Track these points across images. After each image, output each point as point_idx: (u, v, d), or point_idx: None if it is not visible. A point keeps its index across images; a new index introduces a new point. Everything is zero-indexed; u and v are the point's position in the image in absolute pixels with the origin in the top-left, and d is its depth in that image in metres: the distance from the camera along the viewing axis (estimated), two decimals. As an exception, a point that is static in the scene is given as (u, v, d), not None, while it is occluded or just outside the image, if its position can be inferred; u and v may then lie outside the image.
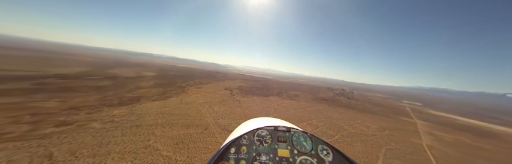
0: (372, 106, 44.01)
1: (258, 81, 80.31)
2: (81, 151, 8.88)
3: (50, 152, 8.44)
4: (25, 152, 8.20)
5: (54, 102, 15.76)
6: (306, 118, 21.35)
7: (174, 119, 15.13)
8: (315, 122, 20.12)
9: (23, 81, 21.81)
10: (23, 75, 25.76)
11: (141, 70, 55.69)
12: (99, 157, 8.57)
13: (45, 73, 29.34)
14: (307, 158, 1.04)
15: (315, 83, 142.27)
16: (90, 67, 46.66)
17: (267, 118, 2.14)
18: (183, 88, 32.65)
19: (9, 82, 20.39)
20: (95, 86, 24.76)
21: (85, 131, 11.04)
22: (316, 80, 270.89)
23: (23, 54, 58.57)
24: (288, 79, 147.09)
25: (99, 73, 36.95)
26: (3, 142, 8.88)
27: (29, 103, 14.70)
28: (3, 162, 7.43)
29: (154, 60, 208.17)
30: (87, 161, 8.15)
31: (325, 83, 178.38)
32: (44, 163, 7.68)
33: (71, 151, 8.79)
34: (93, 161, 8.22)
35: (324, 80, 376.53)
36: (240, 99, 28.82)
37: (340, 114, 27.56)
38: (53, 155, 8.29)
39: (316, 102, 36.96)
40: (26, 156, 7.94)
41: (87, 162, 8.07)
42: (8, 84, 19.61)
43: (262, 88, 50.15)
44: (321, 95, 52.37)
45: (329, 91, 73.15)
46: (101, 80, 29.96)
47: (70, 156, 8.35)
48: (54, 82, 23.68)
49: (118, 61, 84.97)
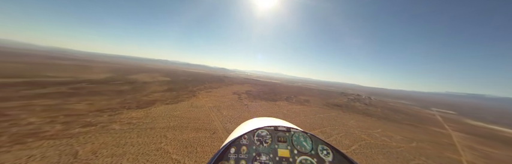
0: (393, 113, 39.62)
1: (266, 85, 79.65)
2: (101, 151, 9.57)
3: (75, 151, 9.25)
4: (56, 150, 9.11)
5: (83, 105, 17.59)
6: (318, 125, 20.04)
7: (185, 122, 15.63)
8: (329, 130, 18.70)
9: (61, 86, 24.98)
10: (61, 80, 29.58)
11: (157, 76, 59.81)
12: (116, 157, 9.12)
13: (78, 79, 33.30)
14: (307, 158, 1.03)
15: (326, 88, 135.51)
16: (114, 73, 51.73)
17: (267, 118, 2.09)
18: (193, 92, 33.97)
19: (50, 87, 23.53)
20: (117, 90, 27.15)
21: (106, 132, 11.96)
22: (327, 84, 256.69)
23: (62, 63, 67.60)
24: (296, 84, 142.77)
25: (121, 79, 40.64)
26: (41, 139, 10.01)
27: (64, 105, 16.62)
28: (38, 158, 8.31)
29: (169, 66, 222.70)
30: (105, 160, 8.71)
31: (337, 88, 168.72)
32: (70, 160, 8.39)
33: (93, 150, 9.53)
34: (111, 161, 8.75)
35: (336, 84, 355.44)
36: (248, 103, 28.79)
37: (357, 121, 25.24)
38: (78, 153, 9.06)
39: (329, 108, 34.67)
40: (56, 154, 8.81)
41: (106, 162, 8.62)
42: (49, 88, 22.62)
43: (270, 92, 49.32)
44: (334, 100, 49.24)
45: (342, 96, 68.35)
46: (123, 85, 32.83)
47: (92, 155, 9.04)
48: (85, 87, 26.61)
49: (138, 68, 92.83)
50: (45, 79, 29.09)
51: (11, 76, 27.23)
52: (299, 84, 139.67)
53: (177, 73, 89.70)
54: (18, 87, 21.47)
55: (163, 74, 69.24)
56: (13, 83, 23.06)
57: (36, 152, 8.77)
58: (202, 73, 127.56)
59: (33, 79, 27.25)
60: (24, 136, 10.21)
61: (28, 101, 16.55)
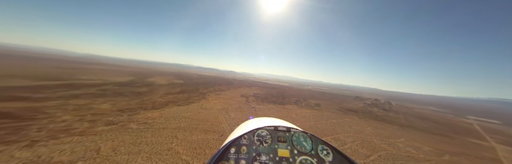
0: (420, 121, 35.16)
1: (274, 88, 78.42)
2: (120, 148, 10.25)
3: (98, 147, 10.06)
4: (82, 146, 10.03)
5: (108, 105, 19.31)
6: (330, 132, 18.62)
7: (194, 124, 16.08)
8: (342, 137, 17.16)
9: (91, 88, 27.94)
10: (91, 83, 33.14)
11: (172, 78, 63.44)
12: (132, 155, 9.67)
13: (105, 81, 36.95)
14: (307, 158, 1.01)
15: (339, 91, 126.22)
16: (135, 76, 56.33)
17: (267, 118, 2.09)
18: (204, 94, 35.08)
19: (82, 88, 26.49)
20: (137, 92, 29.36)
21: (125, 130, 12.85)
22: (340, 88, 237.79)
23: (93, 67, 75.92)
24: (306, 87, 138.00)
25: (140, 81, 43.99)
26: (71, 135, 11.15)
27: (92, 105, 18.46)
28: (68, 153, 9.22)
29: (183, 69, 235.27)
30: (123, 157, 9.29)
31: (351, 91, 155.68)
32: (93, 156, 9.14)
33: (113, 147, 10.26)
34: (127, 158, 9.29)
35: (350, 88, 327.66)
36: (255, 106, 28.63)
37: (375, 129, 22.89)
38: (100, 150, 9.84)
39: (342, 113, 32.37)
40: (82, 149, 9.68)
41: (123, 159, 9.19)
42: (81, 90, 25.46)
43: (279, 95, 48.36)
44: (348, 105, 45.95)
45: (357, 100, 62.91)
46: (141, 87, 35.44)
47: (111, 152, 9.73)
48: (111, 89, 29.34)
49: (155, 71, 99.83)
50: (79, 81, 32.91)
51: (52, 79, 31.40)
52: (309, 87, 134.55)
53: (190, 76, 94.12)
54: (57, 88, 24.57)
55: (177, 77, 73.23)
56: (53, 85, 26.49)
57: (66, 147, 9.76)
58: (212, 76, 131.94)
59: (70, 82, 31.00)
60: (58, 132, 11.48)
61: (64, 101, 18.76)
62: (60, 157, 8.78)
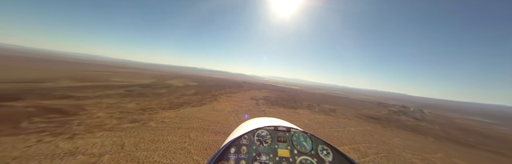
0: (462, 134, 28.14)
1: (284, 91, 75.63)
2: (140, 144, 11.12)
3: (123, 142, 11.07)
4: (110, 140, 11.17)
5: (133, 104, 21.37)
6: (348, 141, 16.34)
7: (206, 124, 16.61)
8: (363, 147, 14.72)
9: (120, 88, 31.45)
10: (121, 84, 37.34)
11: (187, 81, 67.44)
12: (150, 151, 10.38)
13: (132, 83, 41.25)
14: (307, 158, 1.00)
15: (357, 96, 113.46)
16: (156, 79, 61.59)
17: (267, 118, 2.03)
18: (215, 96, 36.25)
19: (114, 89, 30.01)
20: (157, 93, 31.93)
21: (146, 128, 13.95)
22: (359, 92, 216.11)
23: (123, 70, 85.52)
24: (319, 91, 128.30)
25: (161, 83, 47.83)
26: (102, 130, 12.55)
27: (120, 104, 20.65)
28: (99, 146, 10.35)
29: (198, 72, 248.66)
30: (142, 153, 10.02)
31: (371, 96, 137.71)
32: (118, 150, 10.07)
33: (134, 143, 11.19)
34: (146, 154, 9.99)
35: (371, 93, 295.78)
36: (265, 109, 28.27)
37: (404, 140, 19.18)
38: (125, 145, 10.80)
39: (362, 121, 28.78)
40: (110, 143, 10.78)
41: (142, 154, 9.91)
42: (114, 90, 28.84)
43: (289, 99, 46.64)
44: (369, 112, 40.87)
45: (380, 107, 54.47)
46: (161, 88, 38.46)
47: (133, 147, 10.60)
48: (136, 90, 32.56)
49: (173, 74, 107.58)
50: (112, 83, 37.42)
51: (91, 81, 36.38)
52: (322, 91, 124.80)
53: (204, 78, 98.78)
54: (95, 89, 28.30)
55: (192, 80, 77.58)
56: (92, 86, 30.62)
57: (98, 140, 10.99)
58: (223, 78, 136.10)
59: (105, 83, 35.48)
60: (93, 127, 13.06)
61: (99, 100, 21.43)
62: (93, 149, 9.91)
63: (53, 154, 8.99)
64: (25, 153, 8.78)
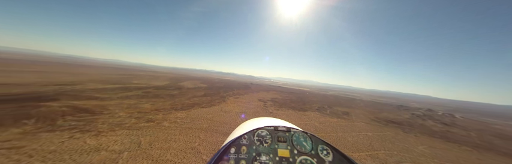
0: (505, 143, 22.93)
1: (293, 93, 73.85)
2: (154, 143, 11.71)
3: (140, 141, 11.78)
4: (129, 138, 11.96)
5: (149, 105, 22.75)
6: (365, 147, 14.62)
7: (215, 125, 16.91)
8: (383, 155, 13.12)
9: (139, 90, 33.79)
10: (140, 86, 40.12)
11: (198, 83, 69.91)
12: (163, 150, 10.86)
13: (149, 85, 44.10)
14: (307, 158, 0.99)
15: (374, 98, 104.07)
16: (170, 81, 64.98)
17: (267, 118, 2.03)
18: (223, 98, 36.86)
19: (134, 90, 32.35)
20: (170, 94, 33.59)
21: (160, 127, 14.68)
22: (376, 94, 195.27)
23: (142, 74, 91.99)
24: (331, 92, 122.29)
25: (174, 85, 50.30)
26: (122, 129, 13.51)
27: (138, 104, 22.14)
28: (119, 143, 11.14)
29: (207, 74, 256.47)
30: (156, 152, 10.53)
31: (391, 98, 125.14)
32: (135, 148, 10.73)
33: (150, 141, 11.82)
34: (159, 153, 10.47)
35: (390, 94, 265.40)
36: (273, 111, 27.78)
37: (431, 148, 16.50)
38: (141, 143, 11.48)
39: (381, 125, 25.74)
40: (128, 141, 11.55)
41: (156, 153, 10.41)
42: (133, 92, 31.09)
43: (298, 101, 45.27)
44: (387, 115, 36.93)
45: (402, 110, 48.89)
46: (174, 90, 40.41)
47: (148, 146, 11.20)
48: (152, 91, 34.67)
49: (185, 76, 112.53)
50: (132, 85, 40.45)
51: (114, 83, 39.74)
52: (335, 93, 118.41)
53: (213, 80, 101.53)
54: (117, 90, 30.83)
55: (202, 82, 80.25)
56: (115, 88, 33.40)
57: (119, 138, 11.85)
58: (232, 80, 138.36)
59: (126, 85, 38.49)
60: (115, 125, 14.14)
61: (120, 100, 23.25)
62: (114, 146, 10.70)
63: (81, 149, 9.92)
64: (60, 148, 9.83)
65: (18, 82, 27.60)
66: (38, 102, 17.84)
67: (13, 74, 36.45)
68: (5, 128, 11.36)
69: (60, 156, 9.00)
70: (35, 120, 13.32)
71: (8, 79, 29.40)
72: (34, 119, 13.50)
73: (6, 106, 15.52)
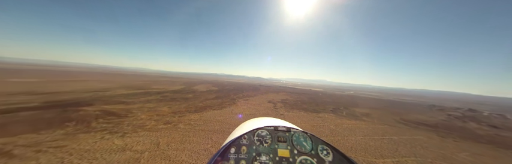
0: None
1: (305, 93, 70.70)
2: (171, 144, 12.33)
3: (158, 142, 12.54)
4: (149, 139, 12.84)
5: (166, 108, 24.31)
6: (390, 152, 12.60)
7: (226, 127, 17.14)
8: (413, 162, 11.33)
9: (158, 94, 36.51)
10: (158, 91, 43.39)
11: (210, 86, 72.60)
12: (179, 151, 11.35)
13: (166, 90, 47.36)
14: (307, 158, 0.99)
15: (398, 97, 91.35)
16: (185, 85, 68.85)
17: (267, 118, 1.99)
18: (234, 100, 37.39)
19: (153, 95, 35.09)
20: (185, 97, 35.46)
21: (176, 129, 15.47)
22: (402, 93, 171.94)
23: (163, 80, 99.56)
24: (347, 92, 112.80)
25: (188, 89, 53.07)
26: (144, 130, 14.59)
27: (157, 108, 23.83)
28: (141, 144, 11.97)
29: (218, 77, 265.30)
30: (172, 152, 11.05)
31: (421, 97, 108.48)
32: (154, 148, 11.45)
33: (167, 142, 12.50)
34: (176, 153, 10.96)
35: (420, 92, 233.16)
36: (284, 113, 27.02)
37: (477, 156, 13.44)
38: (159, 144, 12.20)
39: (409, 128, 22.13)
40: (148, 142, 12.39)
41: (173, 153, 10.92)
42: (153, 96, 33.73)
43: (310, 102, 43.16)
44: (417, 116, 31.72)
45: (434, 110, 41.70)
46: (188, 94, 42.58)
47: (166, 147, 11.83)
48: (169, 95, 37.12)
49: (198, 80, 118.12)
50: (152, 90, 43.97)
51: (137, 89, 43.72)
52: (351, 93, 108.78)
53: (223, 83, 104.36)
54: (140, 95, 33.80)
55: (213, 85, 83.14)
56: (138, 93, 36.70)
57: (141, 139, 12.81)
58: (241, 82, 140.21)
59: (147, 90, 42.02)
60: (138, 127, 15.38)
61: (142, 104, 25.36)
62: (137, 146, 11.58)
63: (110, 149, 10.98)
64: (93, 147, 11.05)
65: (65, 90, 32.40)
66: (78, 107, 20.56)
67: (61, 84, 43.02)
68: (53, 130, 13.29)
69: (93, 155, 10.08)
70: (75, 123, 15.30)
71: (59, 88, 34.78)
72: (74, 121, 15.53)
73: (55, 111, 18.25)
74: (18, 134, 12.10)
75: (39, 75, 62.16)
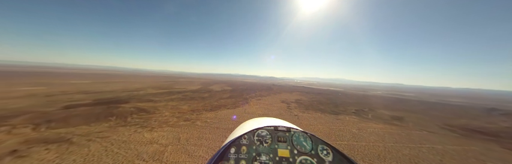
0: None
1: (321, 93, 64.86)
2: (190, 139, 13.22)
3: (179, 137, 13.61)
4: (171, 135, 14.06)
5: (186, 106, 26.28)
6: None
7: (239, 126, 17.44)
8: None
9: (179, 94, 39.84)
10: (179, 90, 47.35)
11: (224, 86, 75.37)
12: (196, 146, 12.07)
13: (186, 89, 51.29)
14: (307, 158, 0.98)
15: (443, 98, 72.79)
16: (202, 85, 73.21)
17: (267, 118, 1.98)
18: (246, 99, 37.83)
19: (175, 94, 38.45)
20: (202, 97, 37.69)
21: (194, 126, 16.55)
22: (444, 93, 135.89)
23: (183, 80, 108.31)
24: (373, 92, 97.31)
25: (205, 89, 56.28)
26: (167, 126, 16.07)
27: (179, 106, 25.97)
28: (165, 138, 13.26)
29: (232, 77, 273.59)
30: (191, 148, 11.83)
31: (473, 99, 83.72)
32: (175, 143, 12.47)
33: (186, 138, 13.45)
34: (194, 148, 11.69)
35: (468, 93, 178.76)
36: (298, 114, 25.44)
37: None
38: (180, 139, 13.23)
39: (457, 135, 17.22)
40: (171, 137, 13.57)
41: (191, 148, 11.68)
42: (175, 95, 36.96)
43: (328, 102, 39.70)
44: (469, 122, 24.79)
45: (495, 116, 31.99)
46: (205, 93, 45.13)
47: (186, 142, 12.75)
48: (188, 94, 40.08)
49: (213, 80, 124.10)
50: (174, 90, 48.30)
51: (163, 88, 48.61)
52: (378, 93, 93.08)
53: (236, 83, 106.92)
54: (165, 94, 37.50)
55: (228, 85, 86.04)
56: (164, 92, 40.78)
57: (165, 134, 14.14)
58: (254, 82, 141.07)
59: (171, 90, 46.35)
60: (162, 123, 17.05)
61: (166, 103, 28.04)
62: (162, 140, 12.82)
63: (141, 141, 12.47)
64: (129, 139, 12.74)
65: (107, 90, 38.52)
66: (118, 104, 24.09)
67: (104, 85, 51.25)
68: (99, 123, 15.89)
69: (128, 145, 11.61)
70: (115, 117, 17.95)
71: (103, 88, 41.64)
72: (115, 116, 18.23)
73: (101, 107, 21.82)
74: (76, 125, 14.90)
75: (88, 78, 75.69)
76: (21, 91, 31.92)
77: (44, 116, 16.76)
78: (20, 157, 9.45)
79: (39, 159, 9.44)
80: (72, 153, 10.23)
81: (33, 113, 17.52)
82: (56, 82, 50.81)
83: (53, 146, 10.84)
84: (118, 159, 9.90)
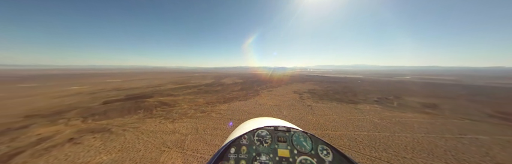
0: None
1: (338, 82, 59.46)
2: (207, 130, 13.91)
3: (197, 127, 14.43)
4: (190, 125, 14.99)
5: (201, 99, 27.53)
6: (478, 158, 8.57)
7: (251, 117, 17.38)
8: None
9: (195, 88, 41.86)
10: (195, 84, 49.69)
11: (235, 79, 76.20)
12: (213, 136, 12.65)
13: (200, 83, 53.59)
14: (307, 158, 0.99)
15: (488, 81, 59.75)
16: (215, 79, 75.39)
17: (267, 118, 1.96)
18: (257, 91, 37.62)
19: (191, 88, 40.56)
20: (215, 90, 38.91)
21: (209, 117, 17.31)
22: (493, 74, 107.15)
23: (197, 75, 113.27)
24: (398, 77, 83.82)
25: (217, 82, 57.85)
26: (187, 118, 17.17)
27: (195, 99, 27.39)
28: (184, 128, 14.22)
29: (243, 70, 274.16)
30: (208, 137, 12.45)
31: None
32: (194, 132, 13.28)
33: (203, 128, 14.19)
34: (210, 138, 12.28)
35: None
36: (311, 104, 23.57)
37: None
38: (198, 129, 14.02)
39: (510, 124, 14.11)
40: (190, 127, 14.49)
41: (208, 138, 12.29)
42: (191, 89, 39.01)
43: (345, 91, 36.29)
44: None
45: None
46: (217, 86, 46.45)
47: (203, 132, 13.47)
48: (203, 88, 41.82)
49: (225, 74, 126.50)
50: (190, 84, 50.93)
51: (180, 83, 51.67)
52: (405, 78, 78.64)
53: (247, 75, 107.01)
54: (182, 89, 39.84)
55: (239, 77, 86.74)
56: (181, 87, 43.35)
57: (184, 124, 15.16)
58: (264, 74, 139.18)
59: (187, 85, 49.06)
60: (182, 115, 18.26)
61: (184, 96, 29.80)
62: (182, 130, 13.79)
63: (165, 131, 13.66)
64: (155, 129, 14.07)
65: (135, 87, 42.76)
66: (144, 99, 26.58)
67: (132, 82, 57.00)
68: (131, 115, 17.86)
69: (155, 135, 12.82)
70: (143, 110, 19.91)
71: (131, 85, 46.37)
72: (143, 109, 20.23)
73: (131, 101, 24.40)
74: (114, 117, 17.04)
75: (118, 76, 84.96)
76: (71, 90, 37.85)
77: (89, 110, 19.62)
78: (76, 144, 11.37)
79: (90, 145, 11.18)
80: (113, 141, 11.84)
81: (82, 108, 20.65)
82: (95, 81, 58.74)
83: (98, 135, 12.71)
84: (148, 146, 11.09)
